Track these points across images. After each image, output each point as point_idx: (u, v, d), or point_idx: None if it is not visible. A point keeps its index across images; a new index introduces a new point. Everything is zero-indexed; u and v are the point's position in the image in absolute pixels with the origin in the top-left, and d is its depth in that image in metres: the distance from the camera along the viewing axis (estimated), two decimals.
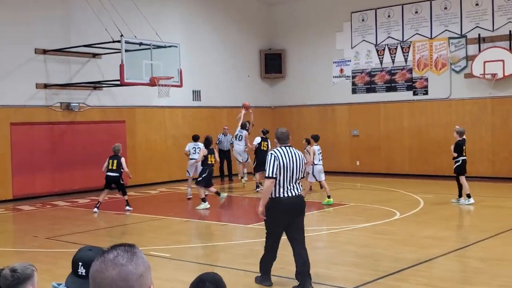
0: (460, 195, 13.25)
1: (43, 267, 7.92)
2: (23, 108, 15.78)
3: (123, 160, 13.42)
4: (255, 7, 22.50)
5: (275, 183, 6.75)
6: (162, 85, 15.10)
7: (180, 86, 15.88)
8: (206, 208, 13.46)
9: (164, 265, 8.36)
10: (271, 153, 6.85)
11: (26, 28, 15.72)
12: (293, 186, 6.81)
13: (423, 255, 8.50)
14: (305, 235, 7.09)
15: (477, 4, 18.19)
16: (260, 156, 15.82)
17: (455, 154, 13.22)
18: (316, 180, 14.03)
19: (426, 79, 19.23)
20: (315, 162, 13.85)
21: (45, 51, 16.12)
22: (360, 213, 12.42)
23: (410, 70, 19.53)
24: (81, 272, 2.85)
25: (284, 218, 6.81)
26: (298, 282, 6.84)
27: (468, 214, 12.02)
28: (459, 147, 13.21)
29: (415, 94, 19.48)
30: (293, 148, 6.98)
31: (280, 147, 6.93)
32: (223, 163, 18.45)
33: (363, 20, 20.52)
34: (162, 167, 18.86)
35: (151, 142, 18.46)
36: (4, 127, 15.38)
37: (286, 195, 6.76)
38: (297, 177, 6.84)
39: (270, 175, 6.73)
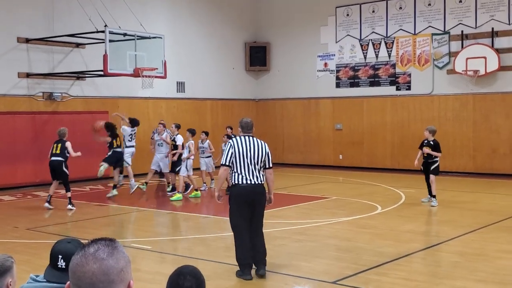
0: (430, 193, 12.60)
1: (23, 258, 7.88)
2: (4, 97, 15.61)
3: (68, 144, 12.31)
4: None
5: (234, 170, 6.96)
6: (146, 76, 15.02)
7: (164, 77, 15.82)
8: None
9: (145, 257, 8.36)
10: (229, 142, 7.16)
11: (8, 17, 15.53)
12: (252, 174, 6.94)
13: (403, 249, 8.59)
14: (287, 228, 7.18)
15: (460, 1, 18.33)
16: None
17: (439, 154, 12.58)
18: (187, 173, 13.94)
19: (409, 75, 19.36)
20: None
21: (27, 40, 15.95)
22: (342, 207, 12.51)
23: (394, 66, 19.65)
24: (61, 265, 2.85)
25: (244, 205, 6.97)
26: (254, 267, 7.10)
27: (448, 209, 12.15)
28: (438, 147, 12.56)
29: (398, 89, 19.61)
30: (255, 138, 7.12)
31: (240, 136, 7.13)
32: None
33: (347, 15, 20.57)
34: (144, 158, 18.75)
35: (138, 133, 18.35)
36: None
37: (244, 182, 6.93)
38: (255, 165, 6.95)
39: (224, 163, 7.00)
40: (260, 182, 7.03)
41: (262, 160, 7.03)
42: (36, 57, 16.23)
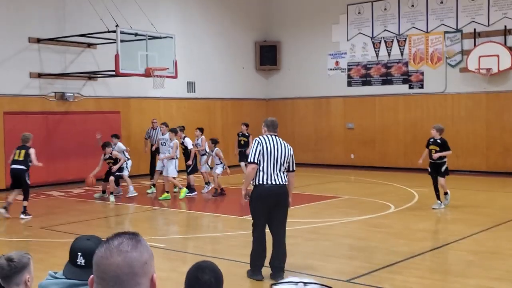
0: (439, 198, 11.82)
1: (37, 257, 7.89)
2: (17, 97, 15.69)
3: (32, 151, 11.23)
4: None
5: (259, 169, 6.76)
6: (157, 76, 15.05)
7: (175, 77, 15.84)
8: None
9: (159, 255, 8.36)
10: (256, 139, 6.88)
11: (20, 17, 15.61)
12: (277, 175, 6.78)
13: (417, 248, 8.53)
14: (300, 227, 7.14)
15: None
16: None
17: (449, 152, 11.66)
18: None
19: (422, 73, 19.24)
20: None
21: (39, 40, 16.02)
22: (355, 206, 12.45)
23: (406, 64, 19.54)
24: (80, 262, 2.83)
25: (266, 206, 6.79)
26: (271, 272, 6.97)
27: (461, 208, 12.06)
28: (446, 144, 11.62)
29: (410, 87, 19.49)
30: (280, 138, 6.98)
31: (266, 135, 6.94)
32: (154, 159, 16.41)
33: (359, 12, 20.49)
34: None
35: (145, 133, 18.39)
36: None
37: (269, 182, 6.74)
38: (281, 166, 6.80)
39: (252, 160, 6.77)
40: (284, 183, 6.84)
41: (287, 162, 6.87)
42: (48, 57, 16.30)
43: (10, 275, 3.26)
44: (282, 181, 6.81)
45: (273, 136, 6.92)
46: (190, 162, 14.21)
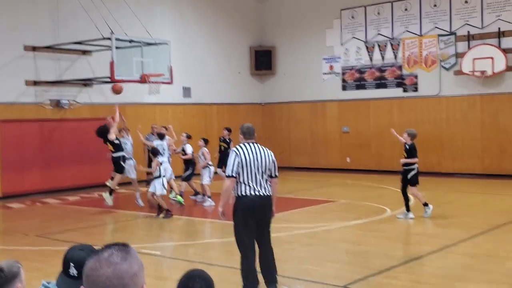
0: (408, 209, 11.23)
1: (34, 266, 7.90)
2: (12, 105, 15.67)
3: None
4: (245, 3, 22.48)
5: (239, 181, 6.32)
6: (153, 82, 15.05)
7: (171, 83, 15.85)
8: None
9: (154, 263, 8.36)
10: (233, 150, 6.44)
11: (14, 25, 15.60)
12: (260, 185, 6.35)
13: (413, 252, 8.56)
14: (296, 232, 7.11)
15: (466, 2, 18.27)
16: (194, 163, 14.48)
17: (414, 160, 11.14)
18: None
19: (416, 76, 19.31)
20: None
21: (34, 48, 16.02)
22: (351, 210, 12.46)
23: (400, 67, 19.60)
24: (73, 273, 2.83)
25: (252, 219, 6.35)
26: (265, 281, 6.61)
27: (457, 211, 12.09)
28: (413, 151, 11.20)
29: (405, 91, 19.55)
30: (259, 145, 6.53)
31: (244, 143, 6.49)
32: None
33: (352, 17, 20.55)
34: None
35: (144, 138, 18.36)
36: None
37: (252, 193, 6.31)
38: (263, 174, 6.38)
39: (230, 174, 6.31)
40: (268, 193, 6.41)
41: (269, 169, 6.44)
42: (43, 64, 16.30)
43: (1, 285, 3.26)
44: (266, 192, 6.40)
45: (251, 144, 6.47)
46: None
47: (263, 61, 22.50)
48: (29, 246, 9.71)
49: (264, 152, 6.47)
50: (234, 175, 6.30)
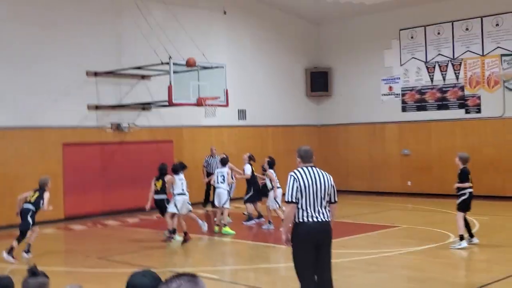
0: (471, 234, 10.86)
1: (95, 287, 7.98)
2: (75, 129, 16.12)
3: (46, 195, 11.04)
4: (301, 26, 22.51)
5: (299, 206, 6.07)
6: (209, 105, 15.19)
7: (226, 105, 15.95)
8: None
9: (213, 287, 8.30)
10: (291, 175, 6.17)
11: (78, 52, 16.12)
12: (319, 211, 6.07)
13: (478, 280, 8.19)
14: (356, 258, 6.89)
15: None
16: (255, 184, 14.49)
17: (466, 185, 11.03)
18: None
19: (479, 97, 18.74)
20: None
21: (96, 74, 16.49)
22: (412, 236, 12.09)
23: (462, 88, 19.09)
24: None
25: (311, 246, 6.08)
26: None
27: None
28: (464, 176, 11.02)
29: (467, 112, 19.00)
30: (318, 169, 6.27)
31: (302, 167, 6.23)
32: (209, 188, 16.85)
33: (412, 37, 20.22)
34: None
35: (198, 161, 18.51)
36: (56, 148, 15.73)
37: (311, 220, 6.04)
38: (322, 200, 6.10)
39: (290, 200, 6.06)
40: (327, 219, 6.14)
41: (328, 194, 6.17)
42: (104, 89, 16.74)
43: None
44: (325, 217, 6.12)
45: (309, 168, 6.21)
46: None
47: (319, 82, 22.40)
48: (90, 268, 9.85)
49: (323, 177, 6.19)
50: (294, 200, 6.05)
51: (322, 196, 6.12)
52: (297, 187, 6.06)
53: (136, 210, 16.66)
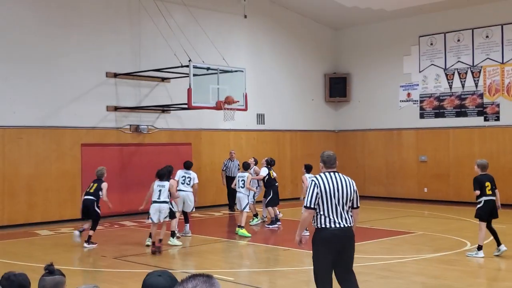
0: (499, 243, 10.57)
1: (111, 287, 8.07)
2: (94, 129, 16.30)
3: (104, 185, 12.10)
4: (321, 31, 22.53)
5: (319, 212, 6.01)
6: (228, 109, 15.26)
7: (245, 109, 16.01)
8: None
9: None
10: (312, 180, 6.12)
11: (97, 53, 16.31)
12: (341, 216, 5.99)
13: None
14: (371, 263, 6.88)
15: None
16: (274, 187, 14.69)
17: (477, 192, 10.63)
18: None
19: (498, 105, 18.60)
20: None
21: (115, 75, 16.66)
22: (428, 243, 12.03)
23: (481, 95, 18.96)
24: None
25: (331, 253, 6.01)
26: None
27: None
28: (476, 183, 10.72)
29: (486, 120, 18.86)
30: (341, 174, 6.19)
31: (324, 172, 6.17)
32: (230, 191, 17.15)
33: (431, 44, 20.15)
34: (225, 189, 18.95)
35: (216, 164, 18.63)
36: (75, 148, 15.92)
37: (332, 225, 5.97)
38: (344, 206, 6.01)
39: (308, 205, 6.00)
40: (349, 225, 6.04)
41: (350, 199, 6.08)
42: (124, 91, 16.91)
43: None
44: (347, 223, 6.03)
45: (332, 173, 6.13)
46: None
47: (337, 88, 22.39)
48: (107, 268, 9.95)
49: (346, 182, 6.11)
50: (313, 206, 5.99)
51: (344, 202, 6.03)
52: (317, 193, 5.99)
53: None
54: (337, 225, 5.98)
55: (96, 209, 11.97)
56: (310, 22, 22.10)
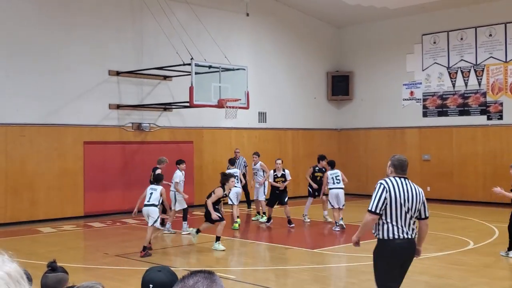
0: (511, 247, 10.32)
1: (113, 285, 8.05)
2: (96, 127, 16.28)
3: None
4: (323, 29, 22.48)
5: (385, 220, 5.58)
6: (230, 107, 15.23)
7: (247, 108, 15.98)
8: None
9: (229, 287, 8.31)
10: (381, 183, 5.64)
11: (100, 51, 16.29)
12: (408, 226, 5.59)
13: (498, 287, 8.09)
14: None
15: None
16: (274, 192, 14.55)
17: (510, 195, 10.07)
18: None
19: (501, 104, 18.54)
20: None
21: (118, 73, 16.64)
22: (431, 242, 11.96)
23: (484, 94, 18.90)
24: None
25: (397, 266, 5.64)
26: None
27: None
28: None
29: (489, 118, 18.81)
30: (411, 182, 5.75)
31: (394, 177, 5.69)
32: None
33: (434, 42, 20.09)
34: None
35: (217, 162, 18.59)
36: (77, 146, 15.90)
37: (399, 236, 5.56)
38: (411, 217, 5.63)
39: (374, 210, 5.55)
40: (414, 236, 5.68)
41: (417, 210, 5.68)
42: (126, 89, 16.89)
43: None
44: (412, 235, 5.64)
45: (402, 180, 5.67)
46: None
47: (340, 86, 22.34)
48: (109, 265, 9.93)
49: (416, 191, 5.69)
50: (378, 212, 5.55)
51: (413, 212, 5.65)
52: (385, 198, 5.55)
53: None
54: (405, 236, 5.59)
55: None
56: (313, 20, 22.05)
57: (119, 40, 16.71)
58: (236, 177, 13.86)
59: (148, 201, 11.08)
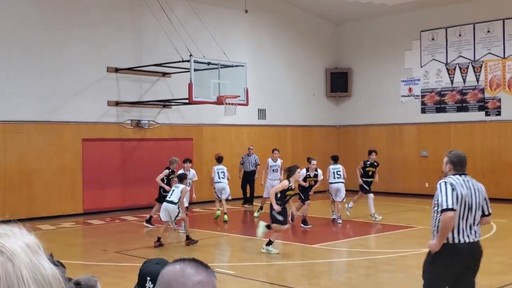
0: None
1: (112, 281, 8.10)
2: (95, 124, 16.30)
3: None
4: (322, 26, 22.50)
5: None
6: (229, 104, 15.26)
7: (246, 104, 16.00)
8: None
9: (228, 282, 8.36)
10: (445, 181, 5.23)
11: (99, 48, 16.30)
12: (471, 227, 5.23)
13: (495, 282, 8.15)
14: (373, 257, 6.89)
15: None
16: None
17: None
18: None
19: (499, 100, 18.58)
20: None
21: (117, 70, 16.65)
22: (429, 237, 11.98)
23: (482, 90, 18.93)
24: (149, 287, 2.86)
25: (456, 271, 5.26)
26: None
27: None
28: None
29: (487, 114, 18.84)
30: (472, 179, 5.39)
31: (456, 175, 5.31)
32: (245, 186, 17.70)
33: (433, 38, 20.11)
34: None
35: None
36: (76, 143, 15.93)
37: (466, 239, 5.18)
38: (475, 215, 5.26)
39: (451, 206, 5.08)
40: (479, 238, 5.31)
41: (481, 207, 5.32)
42: (125, 86, 16.90)
43: None
44: (477, 236, 5.27)
45: (464, 177, 5.30)
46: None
47: (339, 83, 22.36)
48: (108, 262, 9.97)
49: (478, 188, 5.34)
50: (455, 208, 5.13)
51: (476, 210, 5.29)
52: (456, 195, 5.16)
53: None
54: (468, 239, 5.23)
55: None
56: (311, 17, 22.06)
57: (118, 37, 16.72)
58: (223, 173, 14.46)
59: (169, 198, 11.45)
